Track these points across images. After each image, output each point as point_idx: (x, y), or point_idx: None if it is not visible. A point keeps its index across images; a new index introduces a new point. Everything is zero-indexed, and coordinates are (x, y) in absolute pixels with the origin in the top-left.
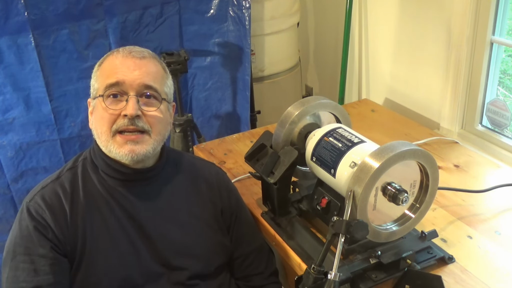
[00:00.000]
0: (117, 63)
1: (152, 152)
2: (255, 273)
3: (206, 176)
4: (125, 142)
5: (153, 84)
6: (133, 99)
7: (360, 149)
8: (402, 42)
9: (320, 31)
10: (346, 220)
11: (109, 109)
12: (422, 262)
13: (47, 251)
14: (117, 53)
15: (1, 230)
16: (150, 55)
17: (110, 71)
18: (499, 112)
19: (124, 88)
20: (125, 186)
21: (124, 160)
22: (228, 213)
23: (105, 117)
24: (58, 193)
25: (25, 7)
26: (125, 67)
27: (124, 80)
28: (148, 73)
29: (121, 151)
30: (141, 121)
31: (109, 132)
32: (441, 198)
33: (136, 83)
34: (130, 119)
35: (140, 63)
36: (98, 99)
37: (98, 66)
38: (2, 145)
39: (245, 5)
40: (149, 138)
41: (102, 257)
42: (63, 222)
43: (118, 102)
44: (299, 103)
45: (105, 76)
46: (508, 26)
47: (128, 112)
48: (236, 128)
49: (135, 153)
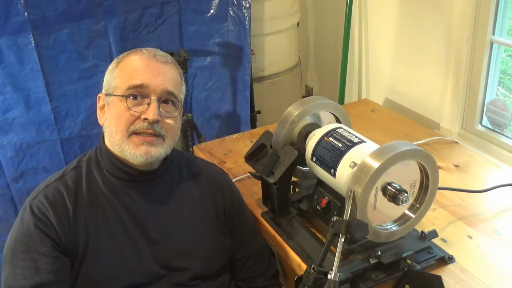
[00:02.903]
0: (141, 64)
1: (164, 155)
2: (257, 274)
3: (209, 178)
4: (142, 143)
5: (174, 90)
6: (155, 104)
7: (360, 149)
8: (402, 42)
9: (320, 31)
10: (346, 220)
11: (131, 111)
12: (422, 262)
13: (48, 249)
14: (141, 54)
15: (1, 230)
16: (172, 61)
17: (134, 72)
18: (499, 112)
19: (147, 91)
20: (129, 186)
21: (136, 161)
22: (231, 214)
23: (124, 117)
24: (62, 192)
25: (25, 7)
26: (149, 70)
27: (148, 84)
28: (170, 79)
29: (136, 152)
30: (159, 126)
31: (126, 132)
32: (441, 198)
33: (159, 88)
34: (149, 123)
35: (164, 68)
36: (116, 98)
37: (117, 63)
38: (2, 145)
39: (245, 5)
40: (163, 142)
41: (104, 256)
42: (66, 221)
43: (139, 104)
44: (299, 103)
45: (128, 76)
46: (508, 26)
47: (149, 116)
48: (236, 128)
49: (150, 155)
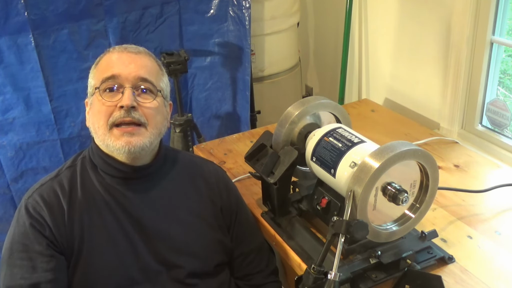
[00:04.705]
0: (113, 58)
1: (149, 145)
2: (256, 272)
3: (205, 175)
4: (122, 134)
5: (148, 77)
6: (128, 90)
7: (360, 149)
8: (402, 42)
9: (320, 31)
10: (346, 220)
11: (106, 101)
12: (422, 262)
13: (43, 248)
14: (112, 50)
15: (1, 230)
16: (145, 51)
17: (106, 66)
18: (499, 112)
19: (120, 81)
20: (123, 184)
21: (121, 153)
22: (228, 211)
23: (101, 111)
24: (56, 191)
25: (25, 7)
26: (120, 61)
27: (120, 73)
28: (143, 66)
29: (117, 143)
30: (137, 113)
31: (106, 125)
32: (441, 198)
33: (131, 76)
34: (126, 111)
35: (136, 57)
36: (94, 95)
37: (95, 65)
38: (2, 145)
39: (245, 5)
40: (145, 131)
41: (100, 255)
42: (61, 220)
43: (114, 95)
44: (299, 103)
45: (101, 71)
46: (508, 26)
47: (124, 103)
48: (236, 128)
49: (131, 145)
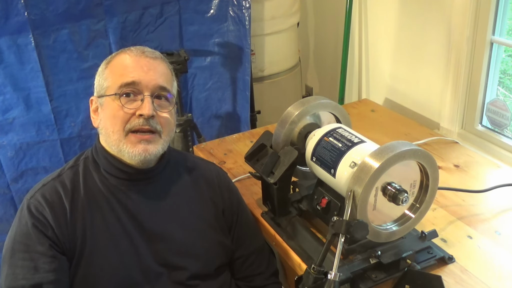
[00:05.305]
0: (130, 62)
1: (161, 152)
2: (256, 273)
3: (207, 176)
4: (139, 142)
5: (166, 85)
6: (148, 99)
7: (360, 149)
8: (402, 42)
9: (320, 31)
10: (346, 220)
11: (125, 108)
12: (422, 262)
13: (45, 248)
14: (129, 52)
15: (1, 230)
16: (161, 56)
17: (124, 70)
18: (499, 112)
19: (140, 88)
20: (126, 185)
21: (134, 160)
22: (229, 213)
23: (118, 116)
24: (59, 191)
25: (25, 7)
26: (138, 66)
27: (140, 80)
28: (161, 74)
29: (134, 150)
30: (154, 121)
31: (122, 131)
32: (441, 198)
33: (151, 84)
34: (145, 119)
35: (154, 63)
36: (109, 97)
37: (106, 64)
38: (2, 145)
39: (245, 5)
40: (159, 139)
41: (101, 255)
42: (63, 220)
43: (133, 102)
44: (299, 103)
45: (118, 75)
46: (508, 26)
47: (144, 112)
48: (236, 128)
49: (148, 152)
